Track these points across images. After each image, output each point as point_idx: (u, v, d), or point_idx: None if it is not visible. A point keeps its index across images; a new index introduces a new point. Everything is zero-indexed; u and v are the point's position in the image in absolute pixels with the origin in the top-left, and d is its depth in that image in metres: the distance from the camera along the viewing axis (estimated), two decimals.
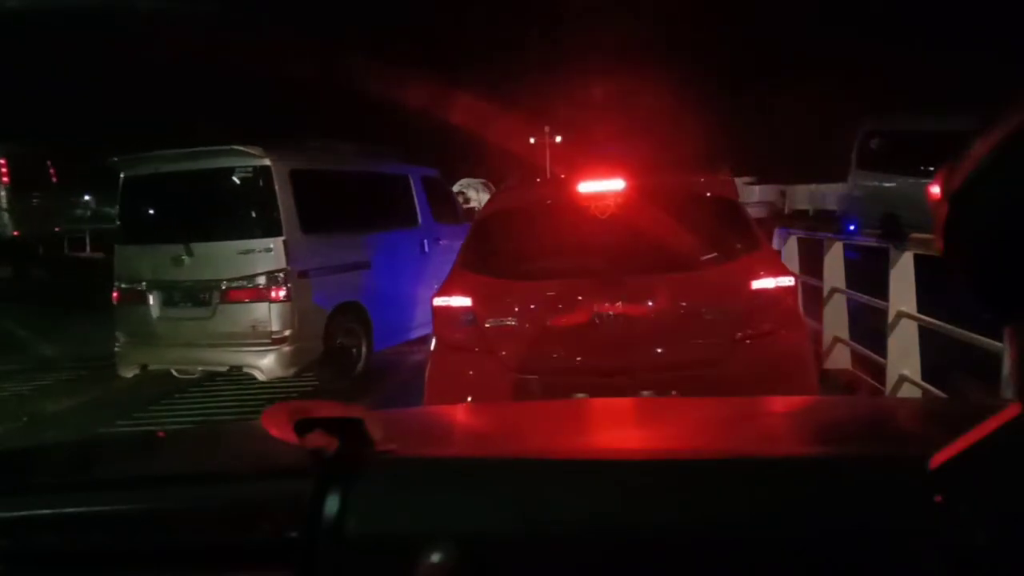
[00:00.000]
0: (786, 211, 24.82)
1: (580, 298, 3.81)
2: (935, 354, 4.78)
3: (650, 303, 3.78)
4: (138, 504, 1.04)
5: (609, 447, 1.40)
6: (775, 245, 7.64)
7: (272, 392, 6.92)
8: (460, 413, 2.09)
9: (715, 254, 3.92)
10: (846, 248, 6.38)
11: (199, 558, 0.98)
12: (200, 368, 6.87)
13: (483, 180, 21.92)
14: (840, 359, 6.17)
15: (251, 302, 6.39)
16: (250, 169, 6.53)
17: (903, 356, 4.75)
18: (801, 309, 4.27)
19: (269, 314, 6.34)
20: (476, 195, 19.99)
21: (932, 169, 10.91)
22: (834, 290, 6.18)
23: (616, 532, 0.88)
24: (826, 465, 0.98)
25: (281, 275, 6.35)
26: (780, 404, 1.83)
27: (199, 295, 6.51)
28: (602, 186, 4.01)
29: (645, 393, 3.56)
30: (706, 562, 0.86)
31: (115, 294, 6.89)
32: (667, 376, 3.63)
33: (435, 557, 0.85)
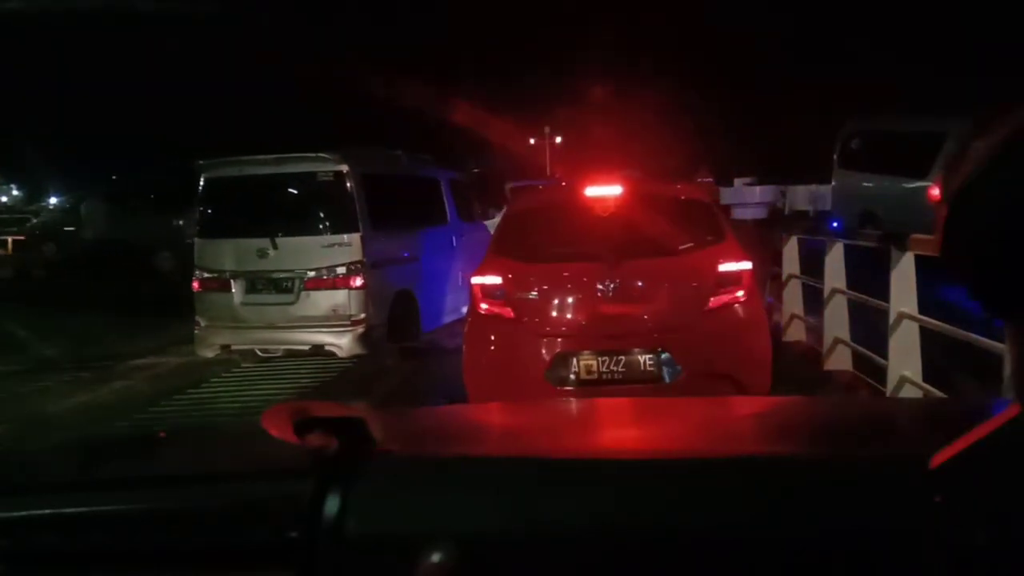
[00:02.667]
0: (786, 212, 24.73)
1: (586, 278, 4.78)
2: (937, 355, 4.78)
3: (641, 281, 4.80)
4: (138, 504, 1.04)
5: (609, 447, 1.40)
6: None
7: (271, 393, 6.93)
8: (461, 413, 2.10)
9: (691, 244, 4.91)
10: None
11: (199, 558, 0.98)
12: (283, 348, 7.58)
13: None
14: (841, 360, 6.16)
15: (332, 289, 7.18)
16: (330, 173, 7.31)
17: (904, 357, 4.74)
18: (757, 287, 5.12)
19: (348, 299, 7.15)
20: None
21: (908, 168, 11.09)
22: (834, 290, 6.17)
23: (616, 532, 0.88)
24: (826, 465, 0.98)
25: (358, 266, 7.17)
26: (780, 404, 1.83)
27: (283, 283, 7.27)
28: (604, 190, 5.00)
29: (636, 351, 4.54)
30: (706, 562, 0.86)
31: (195, 283, 7.53)
32: (654, 336, 4.63)
33: (435, 557, 0.84)
